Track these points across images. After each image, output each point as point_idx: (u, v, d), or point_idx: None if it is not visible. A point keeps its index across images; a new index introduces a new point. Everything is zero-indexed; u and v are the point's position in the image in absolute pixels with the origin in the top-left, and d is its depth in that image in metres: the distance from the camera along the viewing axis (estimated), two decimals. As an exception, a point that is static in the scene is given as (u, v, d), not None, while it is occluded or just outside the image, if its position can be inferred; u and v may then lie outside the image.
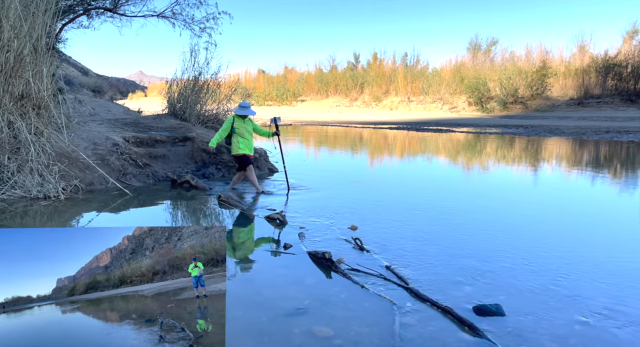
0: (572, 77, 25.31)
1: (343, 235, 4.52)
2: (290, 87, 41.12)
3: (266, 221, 5.06)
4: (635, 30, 26.97)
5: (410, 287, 3.22)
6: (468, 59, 32.34)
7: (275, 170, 8.64)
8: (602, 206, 5.99)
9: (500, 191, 7.02)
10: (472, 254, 3.94)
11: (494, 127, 19.25)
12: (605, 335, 2.54)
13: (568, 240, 4.34)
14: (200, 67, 10.21)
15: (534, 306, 2.94)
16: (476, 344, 2.49)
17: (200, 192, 6.65)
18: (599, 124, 18.12)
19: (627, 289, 3.14)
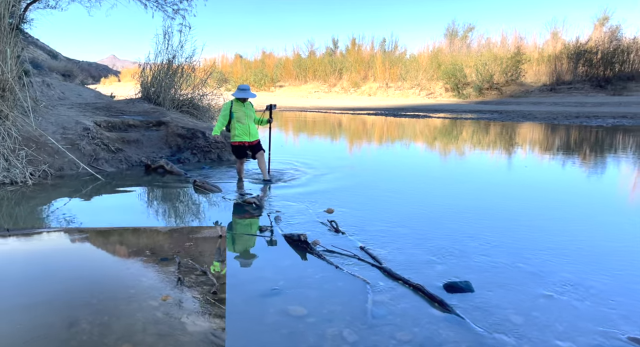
0: (545, 63, 25.80)
1: (319, 218, 4.55)
2: (268, 73, 40.58)
3: (243, 205, 5.04)
4: (606, 17, 27.59)
5: (383, 266, 3.28)
6: (445, 45, 32.52)
7: (252, 155, 8.57)
8: (571, 188, 6.19)
9: (474, 175, 7.16)
10: (445, 235, 4.03)
11: (470, 113, 19.53)
12: (566, 307, 2.65)
13: (537, 220, 4.48)
14: (174, 51, 9.98)
15: (502, 282, 3.04)
16: (446, 319, 2.57)
17: (175, 177, 6.56)
18: (569, 110, 18.60)
19: (588, 265, 3.28)
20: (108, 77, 54.69)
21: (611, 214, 4.80)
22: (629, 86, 23.11)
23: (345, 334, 2.38)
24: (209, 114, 10.24)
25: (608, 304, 2.68)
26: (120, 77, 54.05)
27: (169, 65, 9.80)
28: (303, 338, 2.36)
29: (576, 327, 2.42)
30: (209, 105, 10.38)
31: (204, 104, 10.32)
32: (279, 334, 2.39)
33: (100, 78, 52.54)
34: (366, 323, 2.52)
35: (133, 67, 11.26)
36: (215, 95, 10.61)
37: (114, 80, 52.46)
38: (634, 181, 6.64)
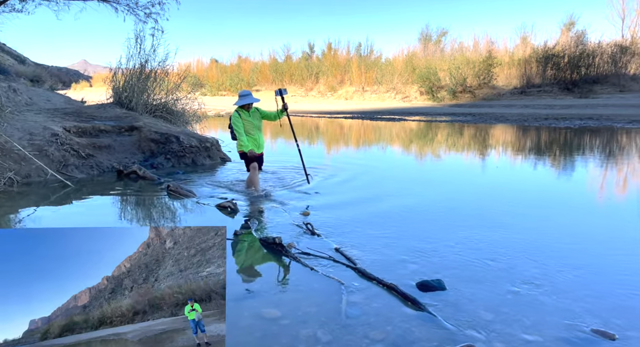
0: (516, 67, 26.51)
1: (295, 221, 4.55)
2: (244, 77, 40.37)
3: (217, 209, 5.00)
4: (572, 23, 28.61)
5: (357, 267, 3.30)
6: (419, 50, 33.06)
7: (228, 159, 8.52)
8: (539, 188, 6.37)
9: (447, 176, 7.29)
10: (418, 235, 4.09)
11: (444, 116, 19.89)
12: (533, 302, 2.73)
13: (506, 219, 4.59)
14: (147, 55, 9.83)
15: (472, 279, 3.11)
16: (418, 317, 2.61)
17: (149, 182, 6.45)
18: (539, 112, 19.16)
19: (554, 262, 3.38)
20: (79, 83, 53.38)
21: (576, 213, 4.97)
22: (594, 89, 23.98)
23: (319, 334, 2.39)
24: (183, 118, 10.12)
25: (572, 298, 2.77)
26: (91, 82, 52.82)
27: (141, 70, 9.65)
28: (276, 340, 2.35)
29: (543, 321, 2.49)
30: (183, 110, 10.26)
31: (178, 108, 10.19)
32: (252, 337, 2.38)
33: (71, 83, 51.19)
34: (340, 323, 2.53)
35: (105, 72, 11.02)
36: (189, 99, 10.49)
37: (86, 85, 51.24)
38: (600, 181, 6.89)
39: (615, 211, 5.06)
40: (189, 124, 10.31)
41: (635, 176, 7.17)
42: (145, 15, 10.76)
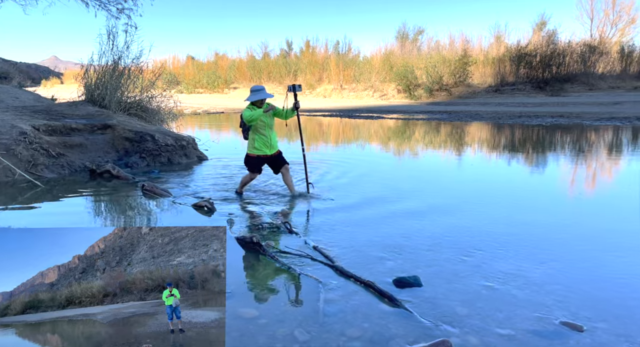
0: (490, 65, 27.05)
1: (273, 219, 4.54)
2: (221, 74, 39.89)
3: (194, 209, 4.93)
4: (543, 22, 29.37)
5: (335, 265, 3.32)
6: (397, 48, 33.35)
7: (205, 158, 8.41)
8: (512, 184, 6.52)
9: (424, 173, 7.39)
10: (395, 232, 4.13)
11: (421, 114, 20.13)
12: (506, 296, 2.80)
13: (480, 215, 4.69)
14: (120, 51, 9.59)
15: (448, 275, 3.16)
16: (395, 314, 2.64)
17: (123, 182, 6.31)
18: (513, 109, 19.60)
19: (526, 257, 3.47)
20: (49, 79, 51.74)
21: (548, 208, 5.10)
22: (565, 87, 24.69)
23: (296, 333, 2.39)
24: (158, 116, 9.93)
25: (543, 292, 2.85)
26: (63, 79, 51.28)
27: (114, 67, 9.41)
28: (254, 340, 2.34)
29: (515, 315, 2.56)
30: (158, 108, 10.07)
31: (153, 106, 9.99)
32: (229, 337, 2.36)
33: (41, 80, 49.61)
34: (317, 322, 2.54)
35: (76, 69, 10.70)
36: (164, 97, 10.30)
37: (56, 82, 49.72)
38: (570, 178, 7.10)
39: (585, 206, 5.23)
40: (165, 122, 10.13)
41: (603, 171, 7.42)
42: (118, 10, 10.50)
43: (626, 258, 3.45)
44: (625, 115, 15.78)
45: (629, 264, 3.33)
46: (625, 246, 3.76)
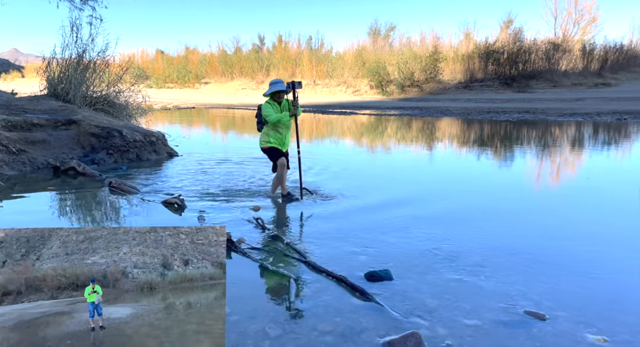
0: (460, 62, 27.60)
1: (245, 216, 4.50)
2: (192, 69, 39.16)
3: (163, 205, 4.83)
4: (510, 20, 30.19)
5: (307, 260, 3.32)
6: (369, 44, 33.55)
7: (175, 154, 8.25)
8: (481, 178, 6.68)
9: (396, 167, 7.47)
10: (367, 226, 4.16)
11: (394, 109, 20.35)
12: (474, 288, 2.87)
13: (449, 209, 4.79)
14: (85, 44, 9.26)
15: (418, 268, 3.21)
16: (366, 307, 2.66)
17: (89, 179, 6.12)
18: (482, 105, 20.08)
19: (493, 248, 3.57)
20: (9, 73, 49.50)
21: (514, 202, 5.26)
22: (531, 84, 25.46)
23: (267, 329, 2.38)
24: (126, 111, 9.66)
25: (509, 282, 2.94)
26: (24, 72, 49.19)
27: (79, 60, 9.08)
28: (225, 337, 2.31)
29: (481, 306, 2.63)
30: (126, 103, 9.79)
31: (120, 101, 9.71)
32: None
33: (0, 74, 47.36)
34: (289, 317, 2.54)
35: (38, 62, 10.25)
36: (133, 91, 10.02)
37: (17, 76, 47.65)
38: (537, 171, 7.34)
39: (549, 198, 5.42)
40: (133, 117, 9.86)
41: (567, 165, 7.70)
42: (81, 2, 10.12)
43: (588, 247, 3.60)
44: (587, 111, 16.42)
45: (591, 253, 3.48)
46: (587, 235, 3.93)
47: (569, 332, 2.33)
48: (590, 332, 2.32)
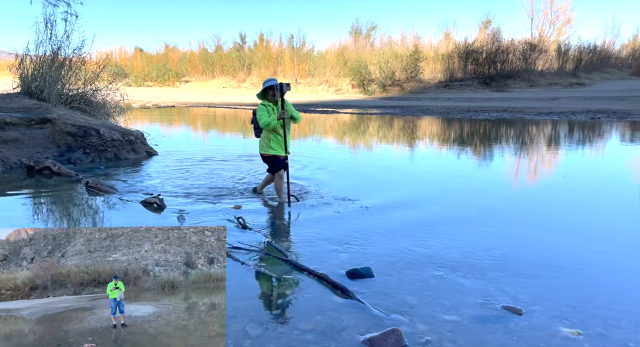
0: (440, 61, 27.92)
1: (226, 215, 4.46)
2: (172, 67, 38.60)
3: (142, 205, 4.75)
4: (488, 21, 30.70)
5: (288, 259, 3.31)
6: (350, 43, 33.65)
7: (154, 153, 8.12)
8: (462, 175, 6.77)
9: (378, 166, 7.51)
10: (348, 225, 4.18)
11: (375, 108, 20.46)
12: (453, 284, 2.91)
13: (429, 206, 4.84)
14: (60, 41, 9.02)
15: (399, 266, 3.24)
16: (347, 305, 2.67)
17: (65, 178, 5.97)
18: (461, 104, 20.36)
19: (472, 245, 3.62)
20: (-19, 70, 47.83)
21: (493, 198, 5.35)
22: (509, 83, 25.94)
23: (248, 329, 2.37)
24: (104, 110, 9.46)
25: (487, 278, 2.99)
26: (-4, 69, 47.60)
27: (53, 57, 8.85)
28: (205, 339, 2.29)
29: (460, 302, 2.67)
30: (103, 101, 9.59)
31: (98, 99, 9.50)
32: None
33: (-29, 70, 45.74)
34: (270, 316, 2.53)
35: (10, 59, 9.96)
36: (110, 90, 9.82)
37: (-11, 73, 46.04)
38: (515, 168, 7.48)
39: (527, 196, 5.53)
40: (111, 116, 9.67)
41: (544, 163, 7.87)
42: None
43: (563, 243, 3.69)
44: (562, 110, 16.81)
45: (565, 249, 3.56)
46: (563, 231, 4.02)
47: (544, 326, 2.38)
48: (564, 326, 2.38)
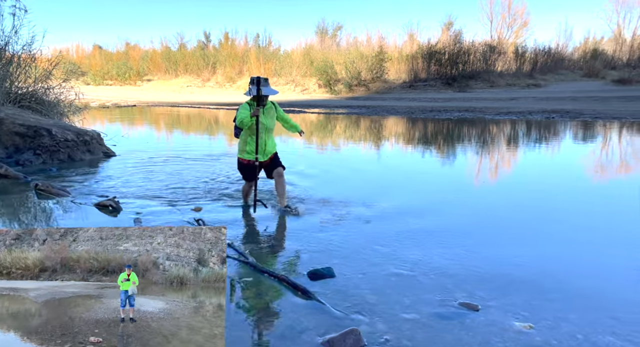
0: (404, 62, 28.38)
1: (185, 217, 4.33)
2: (133, 66, 37.41)
3: (97, 208, 4.55)
4: (450, 22, 31.49)
5: (249, 261, 3.25)
6: (317, 43, 33.70)
7: (112, 154, 7.82)
8: (424, 173, 6.88)
9: (343, 167, 7.53)
10: (309, 224, 4.15)
11: (342, 108, 20.56)
12: (413, 282, 2.93)
13: (391, 206, 4.88)
14: (7, 37, 8.53)
15: (360, 265, 3.24)
16: (308, 306, 2.64)
17: (12, 181, 5.64)
18: (425, 104, 20.78)
19: (431, 243, 3.67)
20: None
21: (453, 196, 5.46)
22: (470, 84, 26.69)
23: (204, 335, 2.29)
24: (57, 109, 9.02)
25: (445, 275, 3.03)
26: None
27: (1, 54, 8.36)
28: None
29: (419, 299, 2.69)
30: (57, 100, 9.15)
31: (50, 98, 9.06)
32: None
33: None
34: (229, 320, 2.46)
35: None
36: (64, 88, 9.38)
37: None
38: (476, 166, 7.67)
39: (485, 193, 5.68)
40: (65, 115, 9.24)
41: (504, 161, 8.12)
42: (4, -10, 9.29)
43: (517, 238, 3.80)
44: (520, 110, 17.45)
45: (520, 243, 3.67)
46: (517, 227, 4.15)
47: (499, 321, 2.43)
48: (518, 320, 2.44)
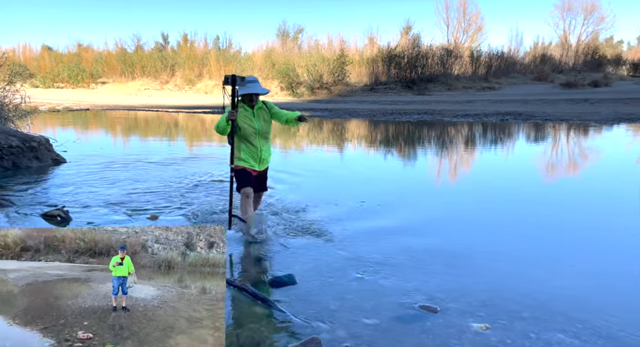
0: (365, 65, 28.79)
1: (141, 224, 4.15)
2: (86, 68, 35.88)
3: (44, 219, 4.30)
4: (409, 27, 32.30)
5: (207, 271, 3.14)
6: (278, 45, 33.61)
7: (62, 160, 7.43)
8: (385, 176, 6.96)
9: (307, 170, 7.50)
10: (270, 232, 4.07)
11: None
12: (374, 286, 2.94)
13: (353, 209, 4.89)
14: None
15: (322, 270, 3.21)
16: (268, 316, 2.59)
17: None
18: (386, 107, 21.13)
19: (393, 246, 3.70)
20: None
21: (413, 199, 5.55)
22: (429, 87, 27.40)
23: None
24: (1, 114, 8.49)
25: (405, 279, 3.05)
26: None
27: (-64, 54, 7.77)
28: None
29: (380, 304, 2.69)
30: (1, 104, 8.61)
31: (-7, 102, 8.51)
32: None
33: None
34: (184, 336, 2.36)
35: None
36: (8, 91, 8.85)
37: None
38: (436, 167, 7.84)
39: (446, 194, 5.81)
40: (10, 120, 8.71)
41: (463, 163, 8.35)
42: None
43: (477, 237, 3.90)
44: (476, 112, 18.07)
45: (477, 245, 3.76)
46: (477, 227, 4.25)
47: (456, 322, 2.47)
48: (475, 321, 2.48)
